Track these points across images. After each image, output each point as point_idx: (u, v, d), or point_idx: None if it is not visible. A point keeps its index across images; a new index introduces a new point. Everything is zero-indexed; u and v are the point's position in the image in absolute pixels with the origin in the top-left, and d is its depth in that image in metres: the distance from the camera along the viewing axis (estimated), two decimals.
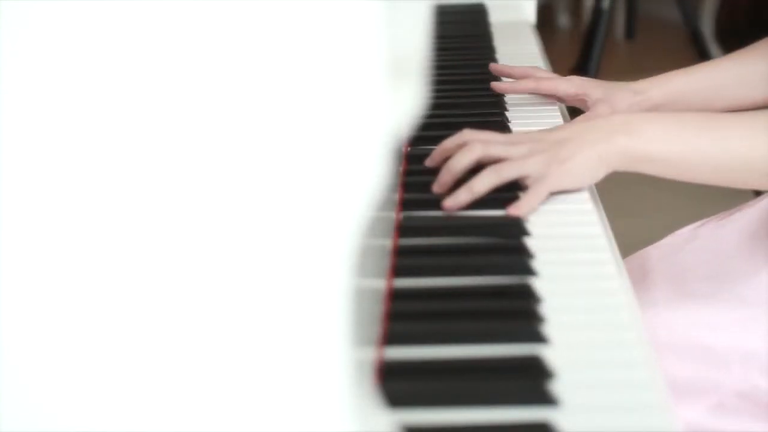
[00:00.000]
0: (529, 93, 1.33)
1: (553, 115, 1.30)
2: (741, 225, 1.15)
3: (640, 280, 1.14)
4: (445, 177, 1.04)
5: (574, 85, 1.29)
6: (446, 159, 1.07)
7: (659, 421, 0.71)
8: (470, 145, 1.05)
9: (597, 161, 1.03)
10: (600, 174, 1.04)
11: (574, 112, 1.32)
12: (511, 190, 1.03)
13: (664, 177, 1.06)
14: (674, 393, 1.01)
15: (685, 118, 1.08)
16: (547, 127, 1.27)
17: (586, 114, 1.25)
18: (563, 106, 1.35)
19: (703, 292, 1.09)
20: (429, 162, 1.10)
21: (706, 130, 1.04)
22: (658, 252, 1.19)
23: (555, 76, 1.34)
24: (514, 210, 1.00)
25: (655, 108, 1.26)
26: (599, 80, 1.31)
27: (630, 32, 2.83)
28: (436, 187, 1.05)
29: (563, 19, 4.74)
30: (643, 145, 1.03)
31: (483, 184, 1.02)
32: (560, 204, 1.05)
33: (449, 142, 1.08)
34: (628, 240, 1.38)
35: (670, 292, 1.11)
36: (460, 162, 1.04)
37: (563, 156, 1.03)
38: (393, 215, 1.00)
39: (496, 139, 1.07)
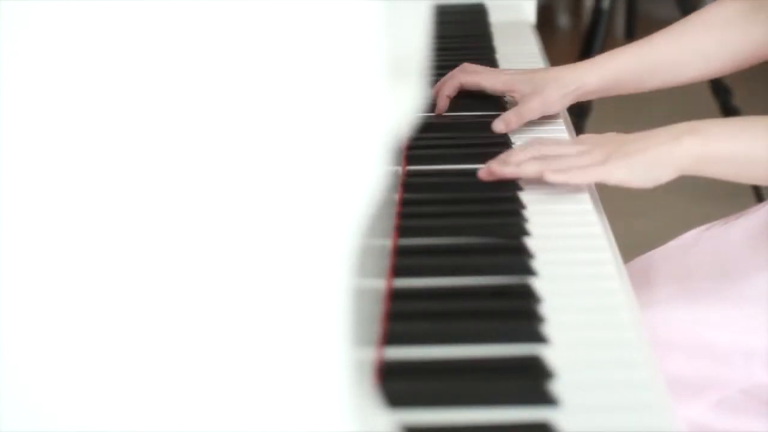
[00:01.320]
0: (459, 89, 1.32)
1: (553, 114, 1.30)
2: (745, 227, 1.15)
3: (643, 280, 1.14)
4: (496, 166, 1.05)
5: (500, 82, 1.29)
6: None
7: (659, 421, 0.71)
8: (530, 144, 1.06)
9: (663, 160, 1.02)
10: (666, 175, 1.02)
11: (573, 111, 1.32)
12: None
13: (728, 179, 1.05)
14: (677, 390, 1.01)
15: (748, 119, 1.07)
16: (549, 126, 1.28)
17: (519, 107, 1.25)
18: (566, 116, 1.34)
19: (706, 290, 1.09)
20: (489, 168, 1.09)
21: None
22: (662, 254, 1.19)
23: (482, 70, 1.33)
24: (559, 177, 1.02)
25: (591, 94, 1.28)
26: (530, 73, 1.30)
27: (630, 32, 2.83)
28: (483, 173, 1.06)
29: (563, 19, 4.74)
30: (711, 145, 1.02)
31: (531, 168, 1.02)
32: (560, 204, 1.05)
33: (515, 149, 1.09)
34: (629, 240, 1.38)
35: (674, 291, 1.11)
36: (515, 156, 1.05)
37: (626, 151, 1.02)
38: (393, 215, 1.00)
39: (558, 142, 1.09)
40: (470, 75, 1.30)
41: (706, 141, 1.02)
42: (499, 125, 1.23)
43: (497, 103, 1.32)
